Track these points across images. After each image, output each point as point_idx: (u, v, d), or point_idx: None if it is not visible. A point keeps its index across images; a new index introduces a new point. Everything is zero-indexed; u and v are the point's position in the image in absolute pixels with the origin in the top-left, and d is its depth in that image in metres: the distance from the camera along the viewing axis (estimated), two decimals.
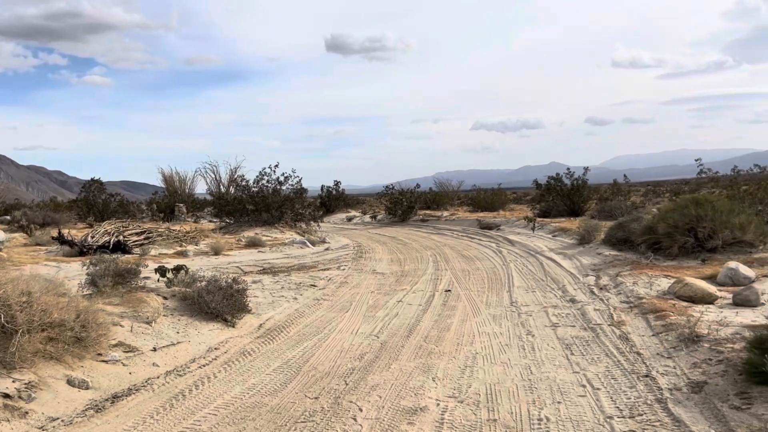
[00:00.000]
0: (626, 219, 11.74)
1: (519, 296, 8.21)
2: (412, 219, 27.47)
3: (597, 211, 19.92)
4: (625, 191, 25.56)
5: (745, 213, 9.46)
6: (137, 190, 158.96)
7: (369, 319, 7.21)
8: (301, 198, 21.13)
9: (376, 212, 31.99)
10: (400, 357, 5.52)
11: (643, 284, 7.80)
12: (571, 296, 7.80)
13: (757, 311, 6.11)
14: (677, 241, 9.34)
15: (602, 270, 9.43)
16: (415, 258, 13.48)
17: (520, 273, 10.28)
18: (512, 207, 31.94)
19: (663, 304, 6.51)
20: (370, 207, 36.82)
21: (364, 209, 35.97)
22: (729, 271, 7.63)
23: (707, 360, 4.49)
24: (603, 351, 5.25)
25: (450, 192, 40.34)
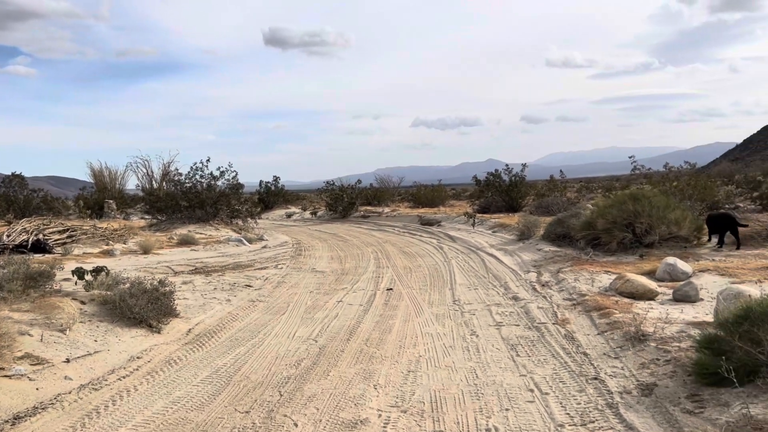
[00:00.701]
0: (565, 215, 11.81)
1: (462, 294, 8.03)
2: (353, 215, 27.16)
3: (535, 207, 20.18)
4: (561, 187, 26.07)
5: (680, 209, 9.63)
6: (65, 185, 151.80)
7: (307, 322, 6.85)
8: (238, 194, 20.45)
9: (316, 208, 31.49)
10: (340, 363, 5.19)
11: (585, 280, 7.76)
12: (513, 293, 7.67)
13: (697, 307, 6.12)
14: (616, 237, 9.41)
15: (543, 266, 9.39)
16: (356, 255, 13.17)
17: (462, 270, 10.14)
18: (452, 203, 32.12)
19: (606, 301, 6.44)
20: (310, 203, 36.27)
21: (305, 205, 35.39)
22: (667, 266, 7.68)
23: (655, 360, 4.38)
24: (549, 351, 5.09)
25: (391, 188, 40.25)
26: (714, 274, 7.59)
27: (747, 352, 3.68)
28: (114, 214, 25.28)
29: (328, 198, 28.75)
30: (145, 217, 23.05)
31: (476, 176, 23.51)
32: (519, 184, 22.22)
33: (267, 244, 16.46)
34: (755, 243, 9.19)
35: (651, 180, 18.37)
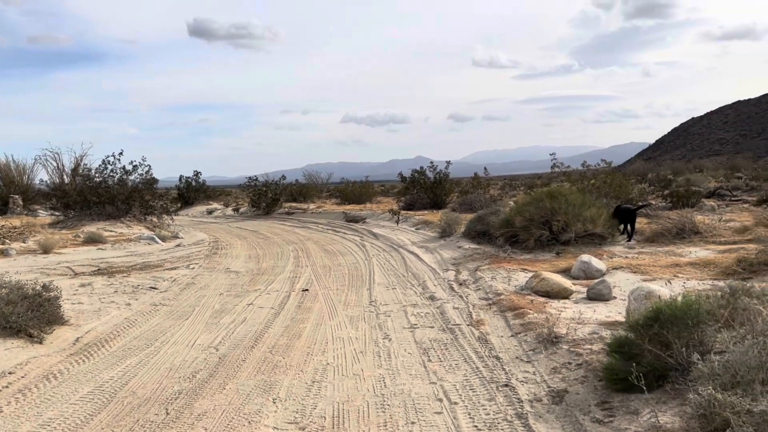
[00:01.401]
0: (485, 212, 11.79)
1: (379, 294, 7.76)
2: (277, 212, 26.49)
3: (458, 204, 20.27)
4: (484, 184, 26.40)
5: (595, 206, 9.76)
6: None
7: (211, 328, 6.38)
8: (152, 189, 19.42)
9: (239, 205, 30.56)
10: (240, 373, 4.78)
11: (502, 279, 7.67)
12: (431, 293, 7.47)
13: (610, 305, 6.09)
14: (533, 234, 9.42)
15: (462, 264, 9.27)
16: (275, 254, 12.69)
17: (382, 268, 9.88)
18: (380, 200, 32.00)
19: (521, 300, 6.33)
20: (234, 199, 35.21)
21: (227, 202, 34.31)
22: (582, 264, 7.70)
23: (567, 364, 4.24)
24: (462, 356, 4.88)
25: (319, 184, 39.72)
26: (626, 272, 7.67)
27: (656, 355, 3.57)
28: (19, 211, 23.53)
29: (251, 194, 27.93)
30: (55, 214, 21.57)
31: (402, 173, 23.41)
32: (443, 182, 22.29)
33: (182, 242, 15.67)
34: (665, 240, 9.42)
35: (570, 178, 18.81)
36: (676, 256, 8.42)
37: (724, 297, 4.49)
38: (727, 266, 7.18)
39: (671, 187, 28.73)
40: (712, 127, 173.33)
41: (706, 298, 4.44)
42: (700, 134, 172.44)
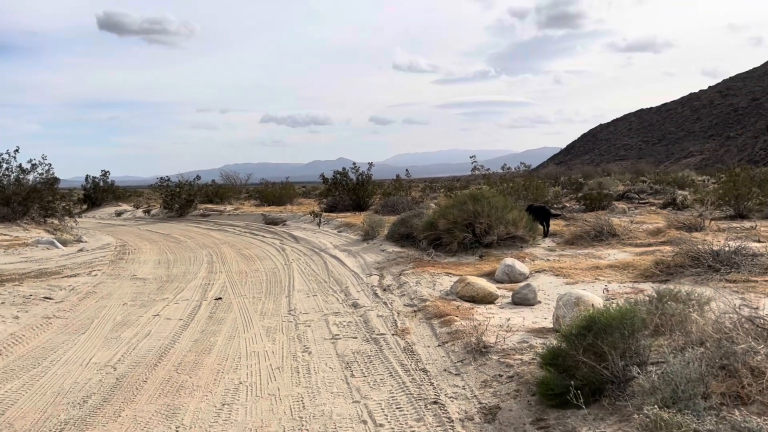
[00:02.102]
0: (408, 215, 11.59)
1: (299, 302, 7.34)
2: (191, 214, 25.37)
3: (381, 206, 20.07)
4: (406, 186, 26.38)
5: (517, 209, 9.75)
6: None
7: (111, 343, 5.75)
8: (53, 189, 18.02)
9: (150, 207, 29.07)
10: (139, 397, 4.25)
11: (426, 284, 7.43)
12: (354, 300, 7.12)
13: (536, 310, 5.98)
14: (457, 237, 9.28)
15: (386, 268, 8.99)
16: (188, 259, 11.96)
17: (302, 274, 9.44)
18: (301, 201, 31.36)
19: (447, 306, 6.10)
20: (146, 201, 33.50)
21: (138, 203, 32.60)
22: (506, 267, 7.60)
23: (497, 377, 4.01)
24: (387, 369, 4.56)
25: (237, 185, 38.54)
26: (549, 275, 7.63)
27: (591, 368, 3.38)
28: None
29: (163, 195, 26.60)
30: None
31: (323, 174, 22.96)
32: (366, 183, 22.03)
33: (85, 246, 14.56)
34: (585, 242, 9.53)
35: (489, 180, 19.05)
36: (596, 258, 8.50)
37: (653, 303, 4.41)
38: (645, 268, 7.27)
39: (583, 190, 29.86)
40: (618, 134, 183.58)
41: (635, 304, 4.34)
42: (607, 140, 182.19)
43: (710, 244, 7.50)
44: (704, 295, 4.46)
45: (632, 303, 4.38)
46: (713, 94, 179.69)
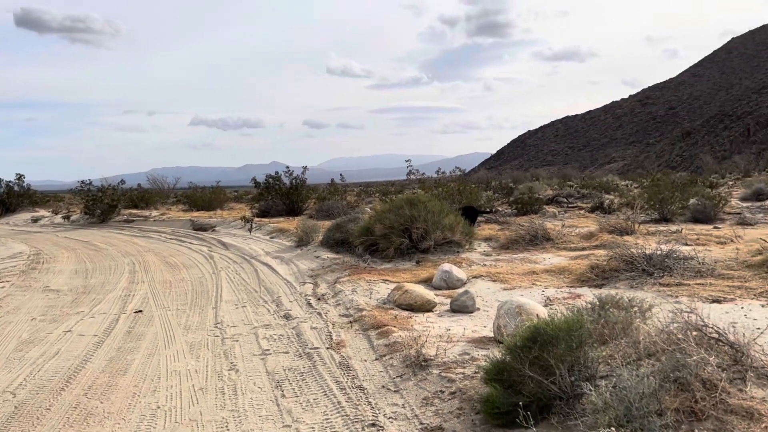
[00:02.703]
0: (343, 219, 11.29)
1: (227, 314, 6.89)
2: (114, 220, 24.08)
3: (316, 211, 19.67)
4: (341, 191, 26.05)
5: (453, 213, 9.62)
6: None
7: (13, 364, 5.16)
8: None
9: (70, 212, 27.46)
10: (39, 429, 3.76)
11: (363, 292, 7.15)
12: (286, 311, 6.74)
13: (475, 318, 5.80)
14: (393, 243, 9.05)
15: (320, 276, 8.64)
16: (108, 268, 11.19)
17: (231, 283, 8.96)
18: (232, 206, 30.48)
19: (384, 316, 5.84)
20: (66, 206, 31.67)
21: (57, 208, 30.76)
22: (443, 273, 7.42)
23: (439, 393, 3.77)
24: (321, 388, 4.23)
25: (165, 190, 37.13)
26: (487, 280, 7.51)
27: (538, 383, 3.19)
28: None
29: (84, 200, 25.15)
30: None
31: (255, 178, 22.30)
32: (300, 188, 21.55)
33: None
34: (520, 247, 9.51)
35: (424, 185, 18.99)
36: (532, 263, 8.46)
37: (595, 310, 4.29)
38: (581, 273, 7.26)
39: (514, 194, 30.44)
40: (545, 140, 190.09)
41: (578, 312, 4.20)
42: (535, 146, 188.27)
43: (643, 247, 7.59)
44: (645, 302, 4.39)
45: (576, 311, 4.24)
46: (634, 103, 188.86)
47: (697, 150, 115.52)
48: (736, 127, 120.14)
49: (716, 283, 6.31)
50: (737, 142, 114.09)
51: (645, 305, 4.26)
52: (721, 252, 7.81)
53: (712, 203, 15.56)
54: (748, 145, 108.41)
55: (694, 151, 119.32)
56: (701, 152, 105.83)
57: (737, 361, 2.95)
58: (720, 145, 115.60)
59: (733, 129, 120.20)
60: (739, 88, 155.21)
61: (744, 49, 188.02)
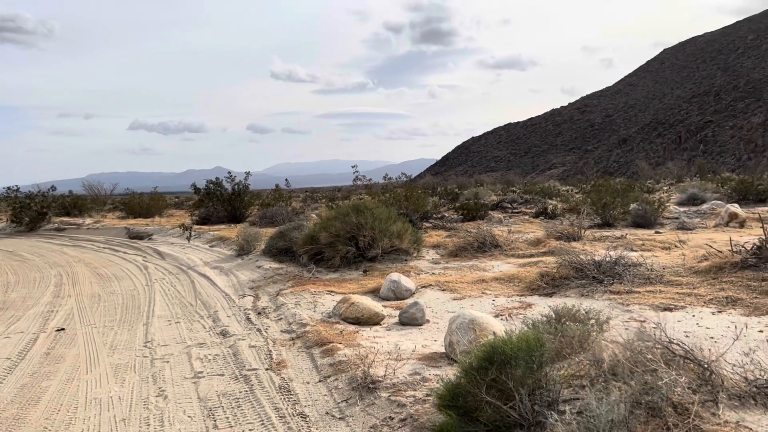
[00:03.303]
0: (287, 227, 10.85)
1: (158, 331, 6.37)
2: (44, 228, 22.77)
3: (259, 218, 19.09)
4: (286, 197, 25.48)
5: (401, 220, 9.35)
6: None
7: None
8: None
9: None
10: None
11: (307, 304, 6.76)
12: (223, 327, 6.28)
13: (425, 332, 5.51)
14: (340, 251, 8.69)
15: (262, 287, 8.19)
16: (32, 280, 10.39)
17: (165, 296, 8.40)
18: (172, 213, 29.46)
19: (329, 331, 5.48)
20: None
21: None
22: (391, 283, 7.12)
23: (388, 420, 3.44)
24: (258, 416, 3.84)
25: (101, 196, 35.61)
26: (436, 290, 7.26)
27: (497, 408, 2.91)
28: None
29: (11, 207, 23.69)
30: None
31: (195, 184, 21.48)
32: (242, 194, 20.88)
33: None
34: (468, 254, 9.32)
35: (371, 190, 18.72)
36: (481, 270, 8.27)
37: (551, 323, 4.06)
38: (531, 281, 7.10)
39: (459, 200, 30.56)
40: (489, 146, 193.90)
41: (533, 326, 3.98)
42: (479, 152, 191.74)
43: (591, 254, 7.51)
44: (602, 313, 4.20)
45: (532, 326, 4.01)
46: (573, 111, 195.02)
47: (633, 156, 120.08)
48: (668, 134, 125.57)
49: (666, 290, 6.24)
50: (670, 149, 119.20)
51: (602, 317, 4.07)
52: (667, 258, 7.81)
53: (652, 208, 15.91)
54: (680, 152, 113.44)
55: (630, 157, 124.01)
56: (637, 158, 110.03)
57: (706, 381, 2.76)
58: (654, 151, 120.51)
59: (666, 136, 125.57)
60: (671, 97, 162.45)
61: (675, 59, 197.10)
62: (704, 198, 23.84)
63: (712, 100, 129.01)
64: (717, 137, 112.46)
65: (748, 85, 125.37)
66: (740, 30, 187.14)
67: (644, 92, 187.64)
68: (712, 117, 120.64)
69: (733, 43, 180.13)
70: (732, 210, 13.95)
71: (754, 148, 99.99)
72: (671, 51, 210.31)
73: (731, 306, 5.58)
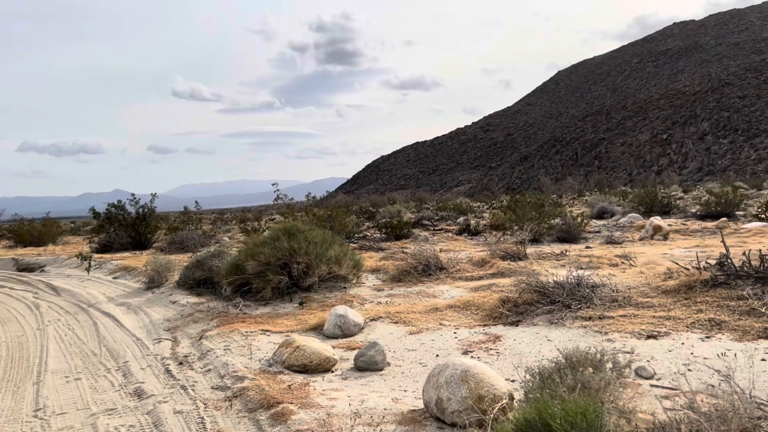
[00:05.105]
0: (205, 255, 9.64)
1: (53, 392, 5.10)
2: None
3: (167, 243, 17.53)
4: (196, 219, 23.83)
5: (338, 243, 8.45)
6: None
7: None
8: None
9: None
10: None
11: (239, 349, 5.70)
12: (137, 383, 5.10)
13: (389, 378, 4.65)
14: (270, 282, 7.66)
15: (180, 328, 7.00)
16: None
17: (61, 343, 7.01)
18: (68, 240, 26.98)
19: (274, 385, 4.49)
20: None
21: None
22: (337, 318, 6.20)
23: None
24: None
25: None
26: (387, 323, 6.41)
27: None
28: None
29: None
30: None
31: (94, 208, 19.50)
32: (148, 217, 19.15)
33: None
34: (412, 278, 8.55)
35: (291, 210, 17.67)
36: (430, 297, 7.52)
37: (562, 372, 3.33)
38: (491, 308, 6.41)
39: (376, 218, 29.96)
40: (398, 164, 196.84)
41: (549, 378, 3.24)
42: (389, 170, 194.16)
43: (549, 275, 6.95)
44: (619, 354, 3.52)
45: (544, 374, 3.27)
46: (476, 130, 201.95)
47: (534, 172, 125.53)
48: (566, 151, 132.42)
49: (640, 314, 5.74)
50: (568, 164, 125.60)
51: (621, 359, 3.39)
52: (627, 276, 7.40)
53: (576, 223, 15.93)
54: (577, 168, 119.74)
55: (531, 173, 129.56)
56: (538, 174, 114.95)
57: None
58: (553, 168, 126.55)
59: (563, 153, 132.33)
60: (566, 116, 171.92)
61: (569, 81, 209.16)
62: (613, 211, 24.56)
63: (603, 119, 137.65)
64: (610, 153, 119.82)
65: (635, 105, 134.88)
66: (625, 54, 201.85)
67: (542, 111, 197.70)
68: (604, 134, 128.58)
69: (620, 65, 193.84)
70: (656, 223, 14.11)
71: (643, 164, 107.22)
72: (565, 73, 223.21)
73: (717, 330, 5.12)
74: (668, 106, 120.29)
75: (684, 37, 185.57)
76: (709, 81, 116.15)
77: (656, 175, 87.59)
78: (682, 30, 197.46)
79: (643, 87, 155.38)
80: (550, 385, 3.21)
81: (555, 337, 5.40)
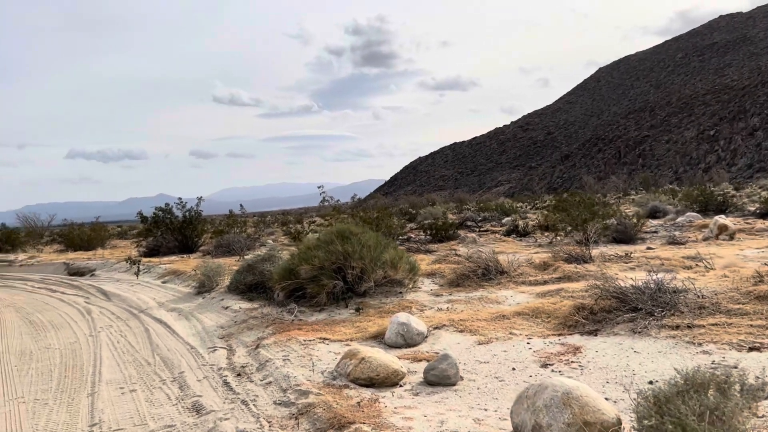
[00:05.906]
0: (256, 258, 9.42)
1: (109, 406, 4.88)
2: None
3: (214, 247, 17.50)
4: (241, 223, 23.85)
5: (393, 247, 8.10)
6: None
7: None
8: None
9: None
10: None
11: (299, 359, 5.39)
12: (195, 397, 4.83)
13: (464, 395, 4.26)
14: (325, 286, 7.36)
15: (235, 336, 6.75)
16: None
17: (115, 351, 6.85)
18: (115, 244, 27.42)
19: (341, 401, 4.15)
20: None
21: None
22: (400, 326, 5.84)
23: None
24: None
25: (38, 228, 33.05)
26: (452, 331, 6.02)
27: None
28: None
29: None
30: None
31: (141, 212, 19.66)
32: (195, 221, 19.19)
33: None
34: (472, 282, 8.14)
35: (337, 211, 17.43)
36: (494, 303, 7.10)
37: (684, 397, 2.89)
38: (564, 315, 5.96)
39: (417, 219, 29.55)
40: (436, 166, 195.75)
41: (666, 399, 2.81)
42: (427, 171, 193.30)
43: (623, 279, 6.45)
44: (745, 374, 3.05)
45: (654, 399, 2.84)
46: (515, 129, 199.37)
47: (576, 171, 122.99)
48: (608, 149, 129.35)
49: (734, 322, 5.21)
50: (610, 163, 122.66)
51: (751, 381, 2.93)
52: (709, 280, 6.83)
53: (632, 223, 15.22)
54: (621, 166, 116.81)
55: (573, 172, 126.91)
56: (580, 173, 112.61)
57: None
58: (596, 166, 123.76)
59: (606, 151, 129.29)
60: (608, 114, 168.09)
61: (610, 78, 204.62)
62: (665, 210, 23.57)
63: (647, 116, 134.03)
64: (654, 151, 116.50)
65: (680, 101, 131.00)
66: (669, 49, 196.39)
67: (583, 109, 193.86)
68: (648, 132, 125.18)
69: (663, 61, 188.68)
70: (721, 222, 13.34)
71: (690, 161, 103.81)
72: (606, 69, 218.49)
73: None
74: (715, 102, 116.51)
75: (731, 30, 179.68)
76: (759, 75, 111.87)
77: (704, 172, 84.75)
78: (728, 23, 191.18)
79: (688, 82, 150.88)
80: (669, 411, 2.78)
81: (642, 348, 4.92)
